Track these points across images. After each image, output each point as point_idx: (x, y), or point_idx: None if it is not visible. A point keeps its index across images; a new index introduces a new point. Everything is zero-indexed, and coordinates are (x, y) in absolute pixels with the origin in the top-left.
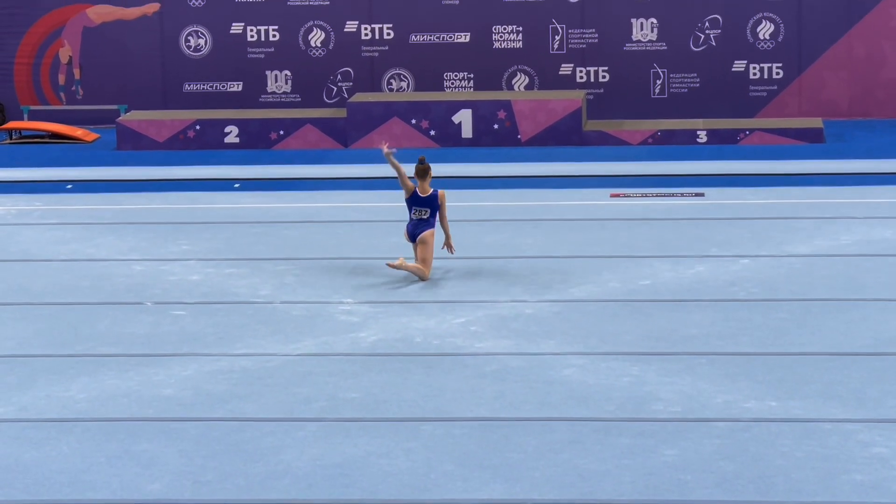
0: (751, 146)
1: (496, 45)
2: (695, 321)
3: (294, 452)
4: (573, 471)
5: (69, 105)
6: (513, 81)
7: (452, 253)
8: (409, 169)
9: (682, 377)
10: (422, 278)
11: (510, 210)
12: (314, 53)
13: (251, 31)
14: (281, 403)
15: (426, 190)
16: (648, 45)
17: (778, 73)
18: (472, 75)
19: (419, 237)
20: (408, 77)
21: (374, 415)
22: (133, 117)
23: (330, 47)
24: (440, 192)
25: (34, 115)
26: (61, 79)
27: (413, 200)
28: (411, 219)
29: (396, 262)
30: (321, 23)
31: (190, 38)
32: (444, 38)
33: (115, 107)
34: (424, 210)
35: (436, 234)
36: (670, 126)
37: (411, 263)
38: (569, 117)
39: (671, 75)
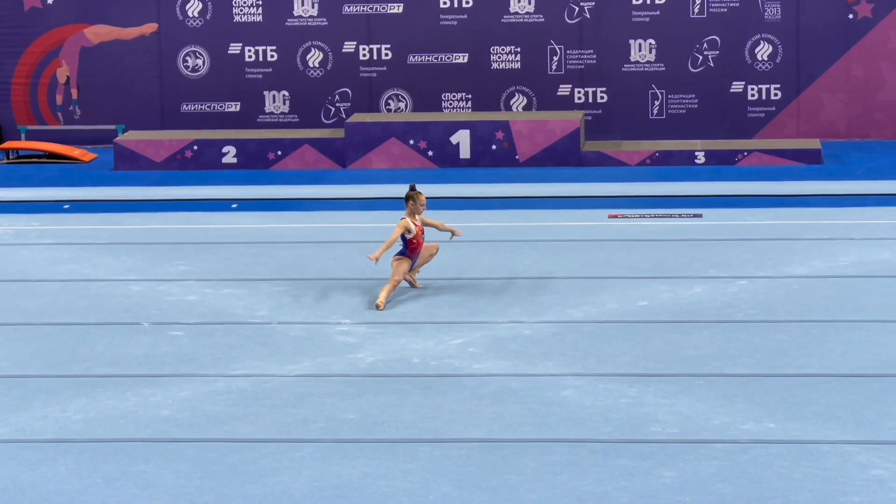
0: (749, 167)
1: (494, 65)
2: (693, 342)
3: (292, 474)
4: (571, 493)
5: (66, 125)
6: (511, 102)
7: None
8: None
9: (679, 398)
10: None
11: (508, 231)
12: (312, 74)
13: (249, 51)
14: (278, 424)
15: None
16: (647, 65)
17: (776, 95)
18: (470, 96)
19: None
20: (406, 97)
21: (371, 436)
22: (131, 137)
23: (328, 68)
24: (403, 223)
25: (31, 135)
26: (59, 99)
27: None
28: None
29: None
30: (319, 43)
31: (188, 58)
32: (442, 58)
33: (112, 127)
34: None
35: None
36: (668, 147)
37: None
38: (567, 138)
39: (669, 96)
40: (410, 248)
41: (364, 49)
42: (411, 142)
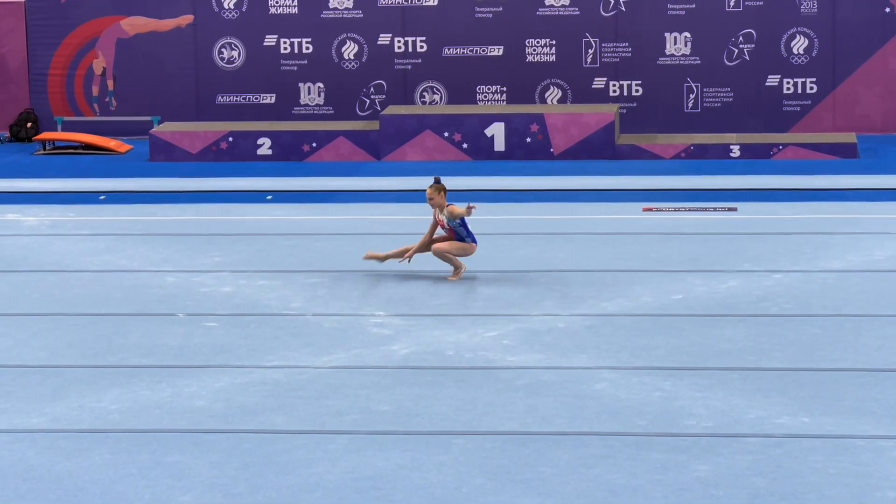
0: (784, 161)
1: (529, 58)
2: (727, 336)
3: (325, 465)
4: (605, 486)
5: (103, 116)
6: (546, 95)
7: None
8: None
9: (714, 392)
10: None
11: (542, 224)
12: (347, 66)
13: (284, 43)
14: (312, 416)
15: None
16: (682, 59)
17: (812, 88)
18: (504, 88)
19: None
20: (441, 90)
21: (405, 428)
22: (166, 129)
23: (363, 60)
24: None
25: (68, 126)
26: (95, 90)
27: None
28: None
29: (455, 278)
30: (354, 35)
31: (223, 49)
32: (477, 51)
33: (148, 118)
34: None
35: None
36: (703, 140)
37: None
38: (601, 131)
39: (704, 89)
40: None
41: (399, 41)
42: (446, 134)
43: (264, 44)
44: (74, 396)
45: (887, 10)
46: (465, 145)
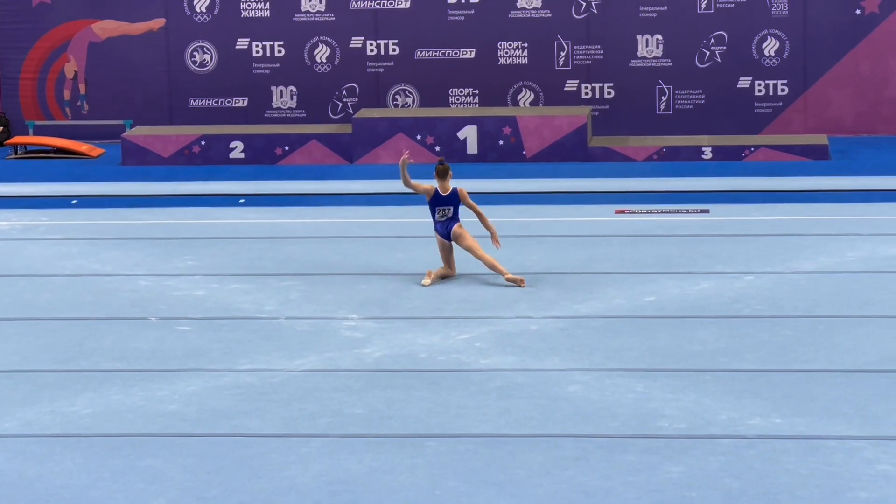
0: (756, 163)
1: (501, 61)
2: (700, 338)
3: (299, 468)
4: (578, 487)
5: (74, 120)
6: (518, 97)
7: (499, 248)
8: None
9: (687, 394)
10: (451, 275)
11: (515, 226)
12: (319, 69)
13: (257, 46)
14: (285, 419)
15: (447, 189)
16: (654, 61)
17: (783, 90)
18: (477, 91)
19: (452, 234)
20: (413, 93)
21: (378, 431)
22: (138, 132)
23: (335, 63)
24: (459, 188)
25: (39, 130)
26: (66, 94)
27: (436, 201)
28: (437, 221)
29: (428, 280)
30: (327, 38)
31: (195, 53)
32: (449, 53)
33: (120, 122)
34: (448, 209)
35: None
36: (675, 142)
37: (438, 269)
38: (574, 133)
39: (676, 91)
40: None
41: (371, 44)
42: (418, 137)
43: (236, 47)
44: (46, 401)
45: (858, 12)
46: (437, 148)
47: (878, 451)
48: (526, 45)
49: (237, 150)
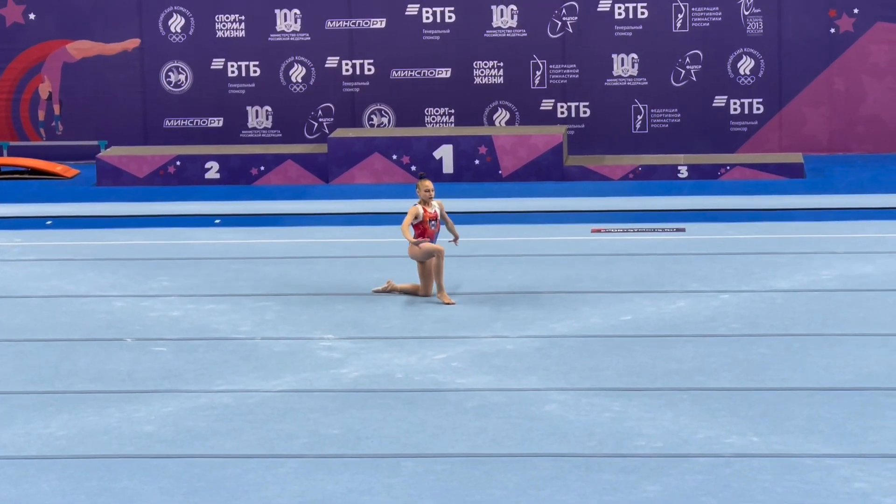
0: (731, 181)
1: (477, 80)
2: (676, 356)
3: (275, 489)
4: None
5: (49, 141)
6: (494, 117)
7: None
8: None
9: (663, 413)
10: (423, 294)
11: (491, 245)
12: (295, 89)
13: (232, 66)
14: (262, 440)
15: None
16: (629, 80)
17: (758, 109)
18: (452, 111)
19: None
20: (389, 112)
21: (355, 451)
22: (113, 153)
23: (311, 83)
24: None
25: (13, 151)
26: (41, 114)
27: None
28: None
29: (384, 287)
30: (302, 58)
31: (170, 73)
32: (424, 73)
33: (95, 142)
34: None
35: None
36: (651, 161)
37: (404, 284)
38: (550, 152)
39: (652, 110)
40: (417, 233)
41: (347, 64)
42: (394, 157)
43: (211, 67)
44: (21, 423)
45: (832, 30)
46: (413, 167)
47: (855, 468)
48: (501, 64)
49: (212, 171)
